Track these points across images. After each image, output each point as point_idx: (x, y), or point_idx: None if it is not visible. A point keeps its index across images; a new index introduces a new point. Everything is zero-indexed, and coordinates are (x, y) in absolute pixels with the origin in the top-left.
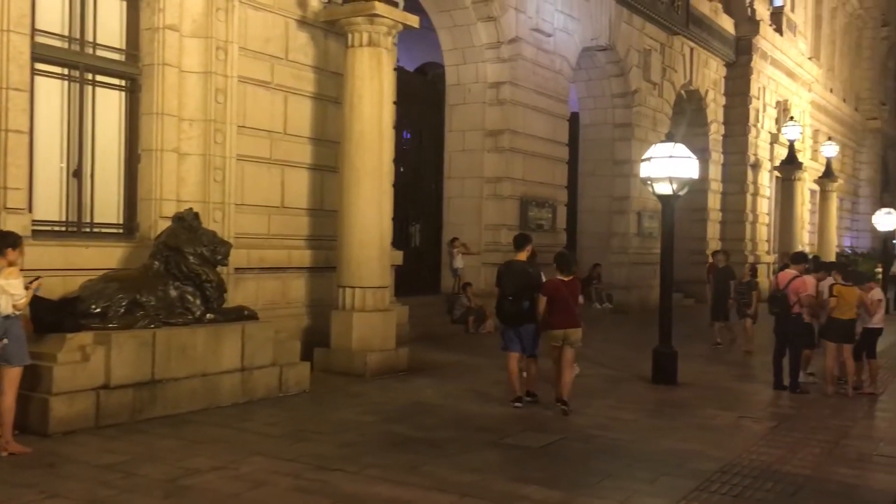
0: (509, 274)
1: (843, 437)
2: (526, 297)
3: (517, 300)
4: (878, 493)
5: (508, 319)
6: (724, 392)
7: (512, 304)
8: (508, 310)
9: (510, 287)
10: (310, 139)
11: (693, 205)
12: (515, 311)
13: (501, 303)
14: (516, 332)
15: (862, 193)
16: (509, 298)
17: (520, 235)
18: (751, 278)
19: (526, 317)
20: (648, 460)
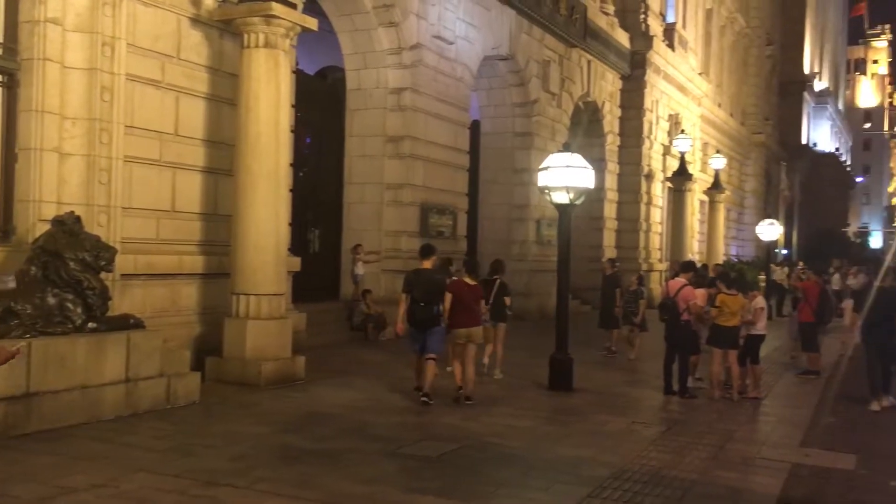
0: (419, 281)
1: (728, 440)
2: (436, 302)
3: (428, 306)
4: (762, 497)
5: (420, 324)
6: (617, 398)
7: (422, 309)
8: (419, 315)
9: (421, 293)
10: (203, 141)
11: (590, 213)
12: (425, 316)
13: (413, 308)
14: (423, 334)
15: (747, 204)
16: (421, 304)
17: (426, 245)
18: (638, 286)
19: (434, 321)
20: (543, 468)
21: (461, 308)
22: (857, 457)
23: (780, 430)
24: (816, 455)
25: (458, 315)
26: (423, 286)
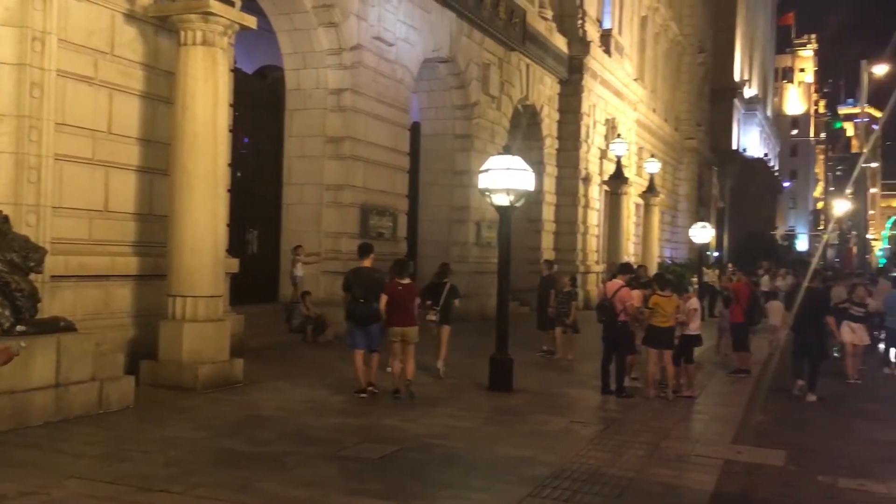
0: (358, 279)
1: (663, 438)
2: (374, 299)
3: (367, 302)
4: (696, 493)
5: (359, 320)
6: (556, 398)
7: (363, 307)
8: (360, 311)
9: (360, 291)
10: (138, 140)
11: (529, 216)
12: (365, 312)
13: (353, 305)
14: (364, 331)
15: (680, 208)
16: (361, 301)
17: (363, 244)
18: (571, 288)
19: (374, 317)
20: (484, 468)
21: (395, 307)
22: (787, 453)
23: (713, 427)
24: (748, 452)
25: (392, 314)
26: (363, 284)
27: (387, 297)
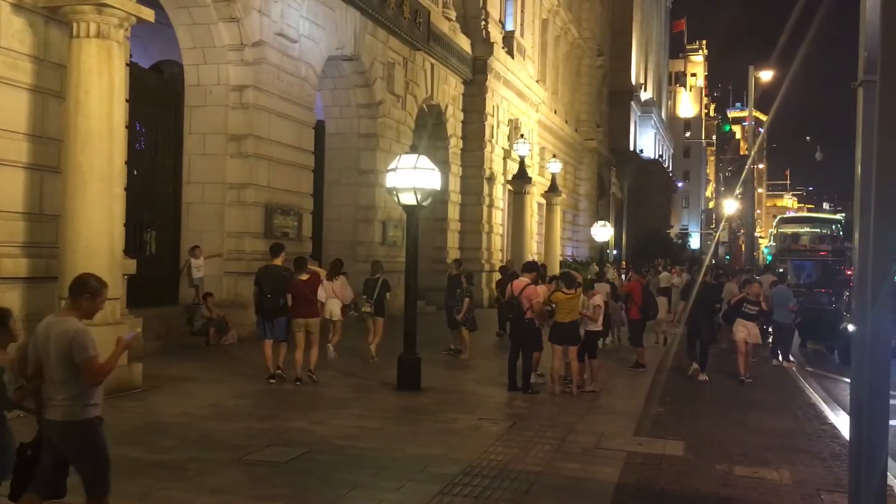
0: (268, 276)
1: (569, 433)
2: (282, 294)
3: (275, 297)
4: (602, 484)
5: (267, 314)
6: (464, 396)
7: (270, 301)
8: (267, 305)
9: (269, 286)
10: (26, 135)
11: (435, 215)
12: (273, 306)
13: (262, 300)
14: (271, 323)
15: (581, 207)
16: (269, 296)
17: (275, 244)
18: (467, 285)
19: (281, 311)
20: (394, 468)
21: (299, 301)
22: (685, 443)
23: (616, 421)
24: (648, 443)
25: (296, 307)
26: (271, 280)
27: (290, 293)
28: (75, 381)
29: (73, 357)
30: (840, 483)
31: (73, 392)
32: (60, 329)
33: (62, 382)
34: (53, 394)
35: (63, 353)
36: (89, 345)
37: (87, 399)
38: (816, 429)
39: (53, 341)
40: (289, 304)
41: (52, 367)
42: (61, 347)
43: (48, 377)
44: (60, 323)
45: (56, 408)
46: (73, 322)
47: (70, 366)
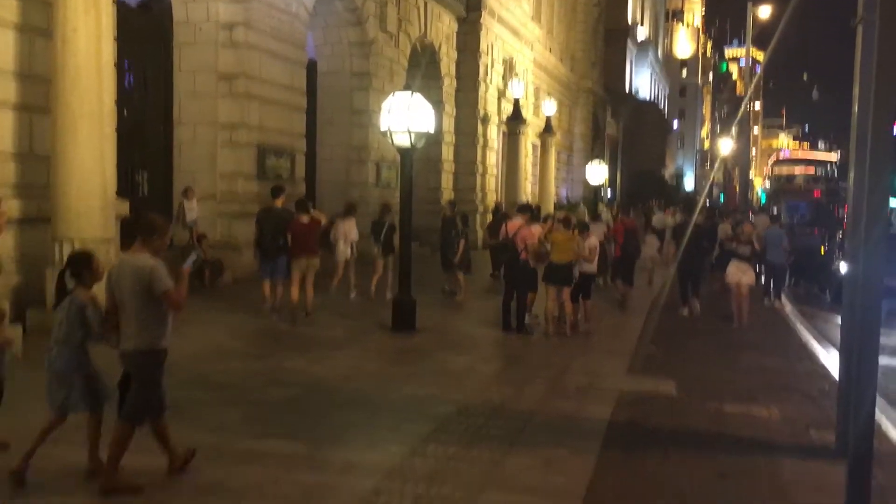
0: (268, 218)
1: (563, 373)
2: (282, 235)
3: (274, 238)
4: (595, 422)
5: (268, 254)
6: (459, 337)
7: (271, 242)
8: (268, 246)
9: (269, 228)
10: (14, 74)
11: (429, 155)
12: (274, 247)
13: (263, 240)
14: (273, 263)
15: (576, 148)
16: (269, 237)
17: (276, 186)
18: (462, 226)
19: (281, 251)
20: (390, 408)
21: (299, 242)
22: (677, 382)
23: (609, 361)
24: (641, 382)
25: (296, 247)
26: (272, 222)
27: (291, 233)
28: (148, 313)
29: (150, 290)
30: (829, 420)
31: (145, 323)
32: (136, 265)
33: (136, 315)
34: (126, 326)
35: (140, 287)
36: (166, 277)
37: (159, 330)
38: (807, 368)
39: (129, 277)
40: (289, 245)
41: (127, 301)
42: (139, 282)
43: (123, 311)
44: (135, 260)
45: (129, 338)
46: (148, 258)
47: (145, 299)
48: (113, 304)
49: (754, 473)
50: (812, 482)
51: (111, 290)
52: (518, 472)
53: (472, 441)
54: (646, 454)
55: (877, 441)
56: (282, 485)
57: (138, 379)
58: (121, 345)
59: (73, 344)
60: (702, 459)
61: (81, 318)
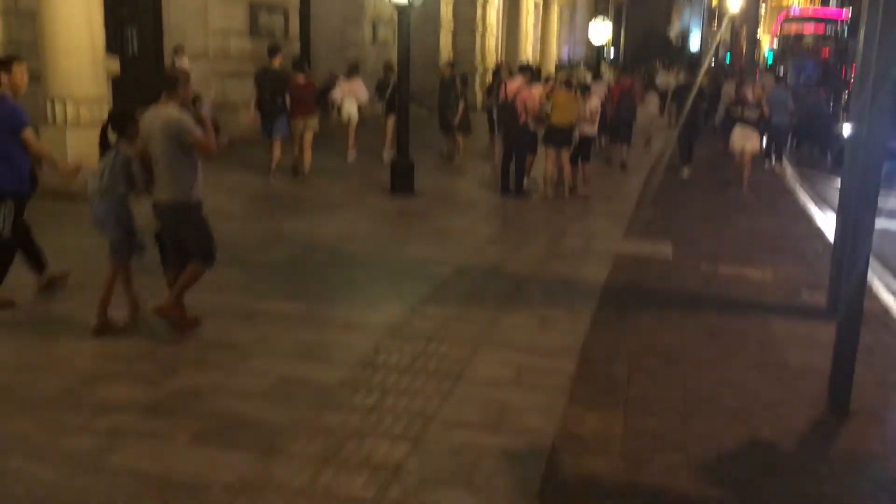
0: (266, 78)
1: (560, 235)
2: (280, 95)
3: (273, 98)
4: (590, 284)
5: (267, 114)
6: (457, 199)
7: (270, 102)
8: (267, 106)
9: (268, 88)
10: None
11: (427, 14)
12: (272, 107)
13: (261, 101)
14: (272, 123)
15: (579, 4)
16: (268, 97)
17: (272, 46)
18: (462, 88)
19: (280, 111)
20: (389, 268)
21: (297, 102)
22: (673, 245)
23: (607, 223)
24: (638, 245)
25: (294, 107)
26: (270, 82)
27: (289, 94)
28: (180, 165)
29: (180, 141)
30: (821, 280)
31: (177, 175)
32: (164, 118)
33: (168, 166)
34: (160, 178)
35: (170, 138)
36: (195, 127)
37: (191, 181)
38: (803, 229)
39: (160, 129)
40: (287, 104)
41: (160, 154)
42: (168, 134)
43: (156, 163)
44: (163, 113)
45: (163, 189)
46: (174, 111)
47: (176, 150)
48: (149, 158)
49: (745, 332)
50: (801, 341)
51: (144, 142)
52: (514, 331)
53: (469, 301)
54: (640, 314)
55: (867, 302)
56: (283, 343)
57: (186, 230)
58: (155, 196)
59: (114, 196)
60: (694, 319)
61: (126, 172)
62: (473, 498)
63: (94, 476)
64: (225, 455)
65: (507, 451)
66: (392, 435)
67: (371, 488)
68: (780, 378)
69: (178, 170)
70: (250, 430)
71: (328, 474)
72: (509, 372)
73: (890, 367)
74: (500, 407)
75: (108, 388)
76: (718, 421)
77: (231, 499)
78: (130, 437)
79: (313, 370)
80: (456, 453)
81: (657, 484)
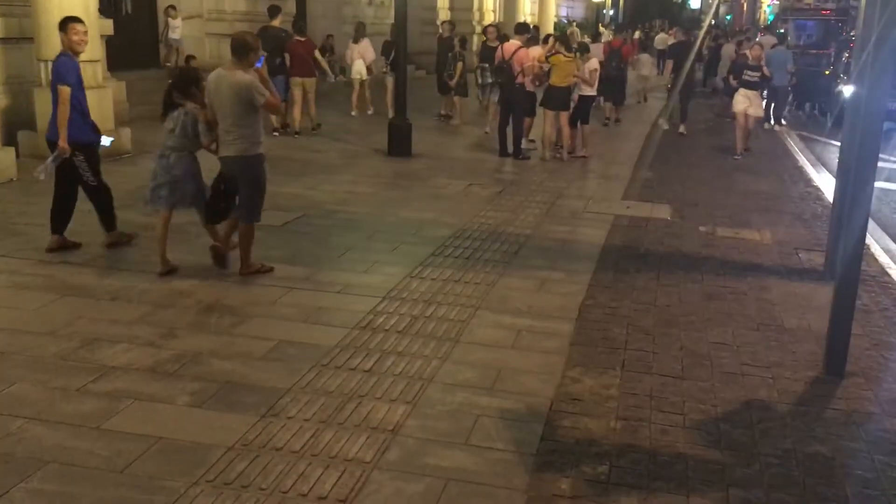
0: (266, 37)
1: (559, 197)
2: (279, 55)
3: (272, 58)
4: (589, 245)
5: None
6: (455, 162)
7: (269, 61)
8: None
9: (267, 47)
10: None
11: None
12: (271, 66)
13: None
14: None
15: None
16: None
17: (272, 6)
18: (460, 49)
19: (279, 70)
20: (387, 231)
21: (296, 61)
22: (671, 207)
23: (605, 185)
24: (636, 207)
25: (293, 67)
26: (269, 42)
27: (288, 53)
28: (247, 123)
29: (250, 103)
30: (819, 242)
31: (244, 132)
32: (234, 80)
33: (235, 125)
34: (226, 135)
35: (241, 100)
36: (263, 89)
37: (256, 138)
38: (801, 191)
39: (228, 92)
40: (287, 65)
41: (228, 113)
42: (238, 96)
43: (222, 122)
44: (232, 76)
45: (230, 145)
46: (244, 75)
47: (245, 109)
48: (213, 117)
49: (742, 294)
50: (798, 302)
51: (210, 104)
52: (512, 293)
53: (467, 264)
54: (637, 276)
55: (865, 263)
56: (283, 306)
57: (246, 182)
58: (221, 152)
59: (186, 152)
60: (692, 281)
61: (194, 130)
62: (471, 459)
63: (96, 439)
64: (225, 417)
65: (504, 412)
66: (391, 397)
67: (370, 450)
68: (776, 340)
69: (245, 127)
70: (250, 392)
71: (327, 436)
72: (507, 334)
73: (886, 328)
74: (498, 369)
75: (108, 352)
76: (715, 382)
77: (231, 461)
78: (131, 399)
79: (312, 333)
80: (454, 415)
81: (653, 444)
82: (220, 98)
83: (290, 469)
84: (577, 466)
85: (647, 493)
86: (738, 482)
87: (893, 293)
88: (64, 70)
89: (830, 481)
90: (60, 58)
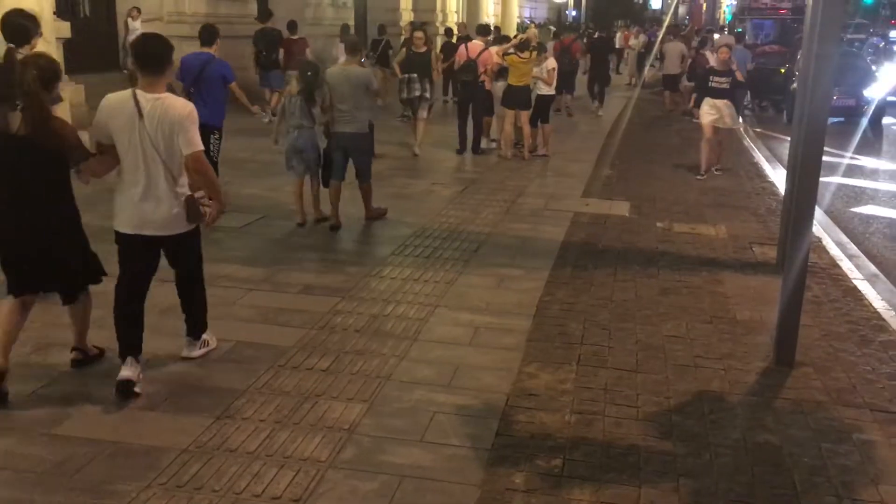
0: (263, 37)
1: (519, 195)
2: (275, 51)
3: (269, 54)
4: (548, 242)
5: (264, 68)
6: (417, 161)
7: (266, 57)
8: (264, 61)
9: (264, 45)
10: None
11: None
12: (268, 62)
13: (258, 56)
14: (268, 75)
15: None
16: (264, 54)
17: (265, 10)
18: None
19: (275, 65)
20: (349, 231)
21: (291, 56)
22: (630, 204)
23: (565, 183)
24: (595, 204)
25: (288, 61)
26: (266, 40)
27: (283, 49)
28: (362, 105)
29: (367, 89)
30: (773, 236)
31: (361, 114)
32: (353, 73)
33: (354, 106)
34: (345, 114)
35: (358, 87)
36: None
37: (366, 117)
38: (756, 187)
39: (348, 82)
40: (282, 59)
41: (347, 97)
42: (358, 84)
43: (341, 104)
44: (350, 70)
45: (348, 123)
46: (359, 67)
47: (362, 94)
48: (330, 101)
49: (697, 288)
50: (751, 295)
51: (330, 89)
52: (471, 291)
53: (427, 262)
54: (595, 272)
55: (816, 255)
56: (240, 307)
57: (361, 151)
58: (338, 128)
59: (306, 129)
60: (648, 276)
61: (310, 113)
62: (426, 455)
63: (47, 444)
64: (180, 420)
65: (461, 409)
66: (347, 396)
67: (325, 449)
68: (729, 332)
69: (361, 109)
70: (206, 394)
71: (283, 437)
72: (466, 332)
73: (836, 319)
74: (456, 366)
75: (60, 357)
76: (668, 374)
77: (185, 463)
78: (83, 403)
79: (270, 334)
80: (410, 412)
81: (607, 437)
82: (341, 88)
83: (245, 470)
84: (531, 460)
85: (600, 484)
86: (689, 472)
87: (843, 285)
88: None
89: (779, 469)
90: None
